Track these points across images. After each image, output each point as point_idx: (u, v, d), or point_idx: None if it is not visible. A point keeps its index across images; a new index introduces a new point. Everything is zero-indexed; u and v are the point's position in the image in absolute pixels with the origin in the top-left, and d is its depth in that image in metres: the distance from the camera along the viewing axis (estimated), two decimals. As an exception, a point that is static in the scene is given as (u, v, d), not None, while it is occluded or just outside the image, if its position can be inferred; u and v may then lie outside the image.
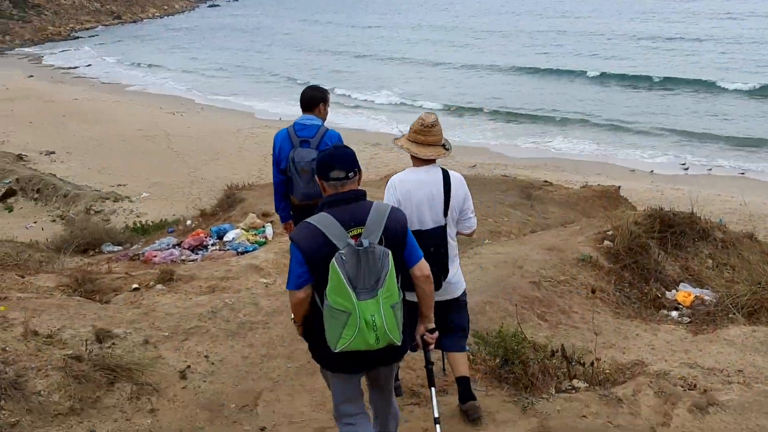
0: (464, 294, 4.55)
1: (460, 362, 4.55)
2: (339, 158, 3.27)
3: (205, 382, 4.91)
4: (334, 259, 3.01)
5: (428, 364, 3.79)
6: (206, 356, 5.20)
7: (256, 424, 4.53)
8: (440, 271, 4.09)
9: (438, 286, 4.03)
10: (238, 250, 7.94)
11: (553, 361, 5.18)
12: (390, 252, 3.09)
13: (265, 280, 6.75)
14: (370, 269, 3.03)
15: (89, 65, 44.17)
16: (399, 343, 3.16)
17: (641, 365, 5.65)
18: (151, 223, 14.53)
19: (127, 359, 4.76)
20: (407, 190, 4.12)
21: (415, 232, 3.78)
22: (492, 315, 6.12)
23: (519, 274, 7.00)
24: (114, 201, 20.65)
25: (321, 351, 3.26)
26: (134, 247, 10.90)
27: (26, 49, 52.50)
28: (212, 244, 8.59)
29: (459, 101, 30.31)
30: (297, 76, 37.30)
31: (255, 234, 8.64)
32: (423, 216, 4.10)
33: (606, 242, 7.59)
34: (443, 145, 4.22)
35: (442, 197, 4.11)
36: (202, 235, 8.95)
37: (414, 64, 41.02)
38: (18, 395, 4.05)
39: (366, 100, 31.42)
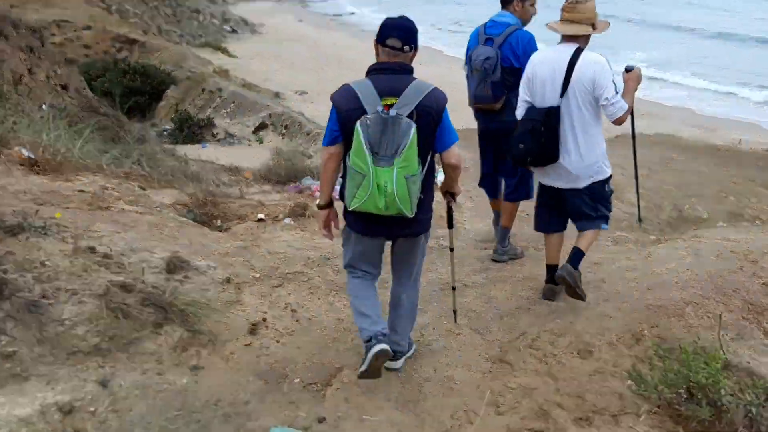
0: (592, 188, 4.16)
1: (582, 237, 4.31)
2: (400, 27, 3.24)
3: (277, 342, 3.81)
4: (358, 122, 3.05)
5: (449, 209, 3.78)
6: (294, 310, 4.10)
7: (315, 412, 3.33)
8: (540, 151, 3.98)
9: (526, 164, 4.13)
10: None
11: (769, 410, 3.29)
12: (414, 126, 3.06)
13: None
14: (392, 138, 3.04)
15: (353, 13, 45.53)
16: (410, 215, 3.15)
17: None
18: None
19: (190, 298, 3.82)
20: (533, 66, 4.08)
21: (530, 108, 4.05)
22: (692, 321, 4.25)
23: (750, 272, 4.92)
24: (349, 143, 20.71)
25: (349, 211, 3.33)
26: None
27: (298, -5, 55.65)
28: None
29: (720, 75, 26.06)
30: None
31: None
32: (543, 93, 4.01)
33: None
34: (592, 25, 3.98)
35: (563, 76, 3.91)
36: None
37: (669, 29, 36.33)
38: (32, 320, 3.26)
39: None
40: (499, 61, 4.60)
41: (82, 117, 7.71)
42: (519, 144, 4.03)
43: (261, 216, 5.43)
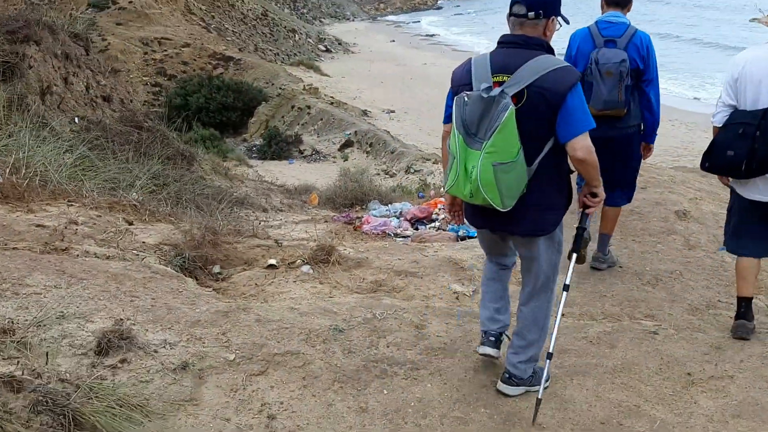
0: None
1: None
2: None
3: (234, 475, 2.44)
4: (455, 99, 2.71)
5: (580, 227, 2.96)
6: (271, 416, 2.70)
7: None
8: (754, 158, 3.36)
9: (739, 173, 3.46)
10: (459, 233, 5.25)
11: None
12: (511, 108, 2.57)
13: (459, 288, 3.99)
14: (491, 120, 2.60)
15: (435, 35, 44.66)
16: (500, 208, 2.65)
17: None
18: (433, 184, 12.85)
19: (115, 399, 2.50)
20: (743, 64, 3.47)
21: (737, 111, 3.52)
22: None
23: None
24: (434, 162, 19.71)
25: None
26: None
27: (392, 17, 55.02)
28: (442, 219, 6.07)
29: None
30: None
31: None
32: (756, 94, 3.40)
33: None
34: None
35: None
36: (438, 205, 6.48)
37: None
38: None
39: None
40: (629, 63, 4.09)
41: (119, 132, 6.67)
42: (726, 151, 3.48)
43: (272, 261, 4.09)
